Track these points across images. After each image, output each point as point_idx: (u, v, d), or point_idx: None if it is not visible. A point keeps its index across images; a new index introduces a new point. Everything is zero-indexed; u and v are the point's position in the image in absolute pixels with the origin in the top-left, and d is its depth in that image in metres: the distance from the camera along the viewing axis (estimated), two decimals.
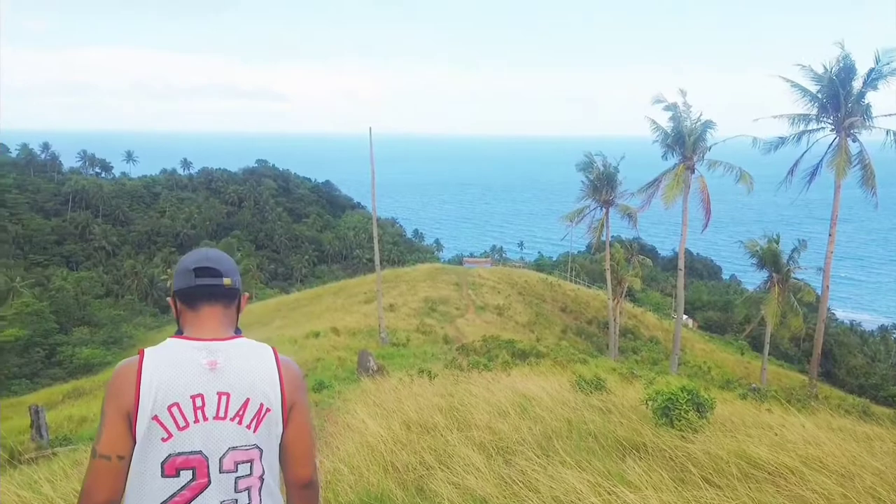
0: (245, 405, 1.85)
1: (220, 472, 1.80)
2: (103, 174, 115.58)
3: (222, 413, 1.82)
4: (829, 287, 25.83)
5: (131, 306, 68.03)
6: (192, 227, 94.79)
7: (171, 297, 2.03)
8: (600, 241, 35.82)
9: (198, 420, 1.80)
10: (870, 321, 72.54)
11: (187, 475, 1.77)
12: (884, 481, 3.82)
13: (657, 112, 29.76)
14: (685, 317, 48.59)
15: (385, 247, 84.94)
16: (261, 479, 1.86)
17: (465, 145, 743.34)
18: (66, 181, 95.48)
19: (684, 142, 28.73)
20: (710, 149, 29.06)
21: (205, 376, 1.82)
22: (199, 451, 1.79)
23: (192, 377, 1.81)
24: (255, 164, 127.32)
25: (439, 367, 14.00)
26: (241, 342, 1.95)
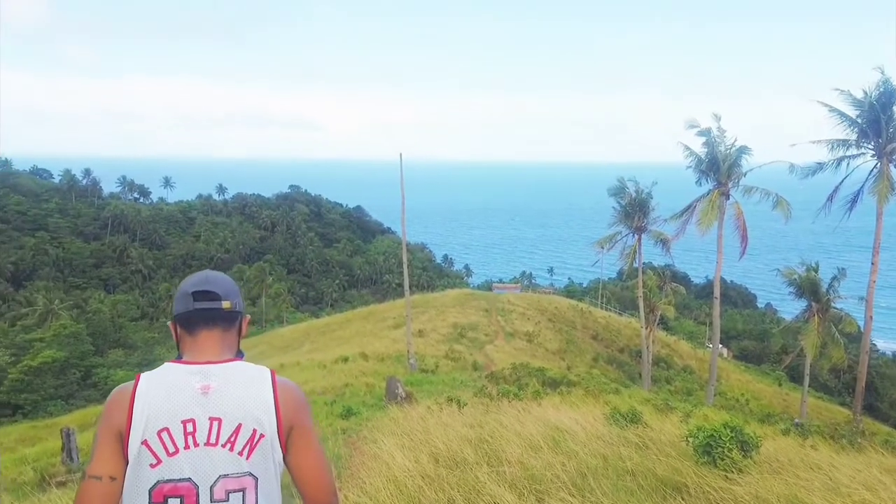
0: (237, 431, 1.76)
1: (210, 502, 1.72)
2: (141, 199, 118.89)
3: (213, 439, 1.74)
4: (871, 318, 25.02)
5: (165, 329, 69.08)
6: (226, 251, 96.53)
7: (171, 322, 1.97)
8: (632, 267, 35.32)
9: (188, 446, 1.72)
10: None
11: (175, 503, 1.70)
12: None
13: (690, 137, 29.45)
14: (720, 346, 47.45)
15: (414, 272, 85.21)
16: None
17: (494, 171, 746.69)
18: (106, 206, 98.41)
19: (719, 167, 28.39)
20: (745, 174, 28.69)
21: (197, 401, 1.75)
22: (189, 479, 1.71)
23: (184, 401, 1.75)
24: (288, 190, 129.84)
25: (468, 395, 13.73)
26: (238, 365, 1.86)
